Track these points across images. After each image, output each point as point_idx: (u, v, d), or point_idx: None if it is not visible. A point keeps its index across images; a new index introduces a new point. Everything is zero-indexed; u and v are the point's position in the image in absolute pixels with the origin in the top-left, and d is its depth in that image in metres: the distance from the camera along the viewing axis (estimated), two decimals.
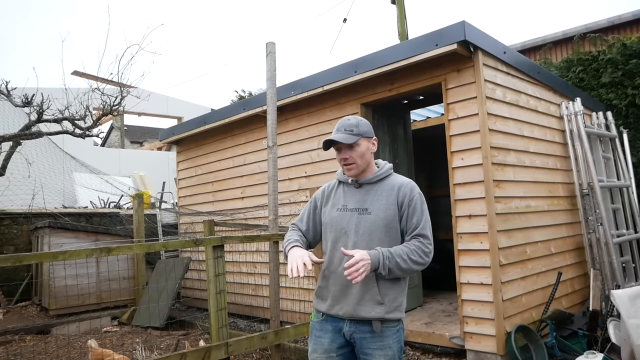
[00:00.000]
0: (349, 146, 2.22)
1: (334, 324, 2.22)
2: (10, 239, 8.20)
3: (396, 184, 2.25)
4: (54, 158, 10.38)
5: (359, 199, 2.25)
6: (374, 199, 2.23)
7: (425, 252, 2.13)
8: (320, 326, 2.26)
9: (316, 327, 2.28)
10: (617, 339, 3.94)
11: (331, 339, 2.21)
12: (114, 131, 22.82)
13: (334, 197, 2.33)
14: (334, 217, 2.26)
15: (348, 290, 2.16)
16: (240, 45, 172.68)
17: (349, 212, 2.24)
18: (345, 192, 2.30)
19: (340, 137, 2.20)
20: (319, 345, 2.24)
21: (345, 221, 2.23)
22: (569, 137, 5.32)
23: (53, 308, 6.59)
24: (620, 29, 9.72)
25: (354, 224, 2.20)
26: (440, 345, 4.42)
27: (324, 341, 2.23)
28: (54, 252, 3.16)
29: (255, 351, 4.80)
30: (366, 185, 2.27)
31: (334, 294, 2.21)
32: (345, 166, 2.24)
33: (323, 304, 2.25)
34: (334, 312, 2.20)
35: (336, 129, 2.26)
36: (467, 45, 4.12)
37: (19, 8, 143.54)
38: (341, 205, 2.27)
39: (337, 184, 2.38)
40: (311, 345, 2.29)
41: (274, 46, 4.26)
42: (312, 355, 2.26)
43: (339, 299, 2.19)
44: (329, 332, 2.22)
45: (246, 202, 6.47)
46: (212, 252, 3.48)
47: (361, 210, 2.22)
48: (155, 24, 44.77)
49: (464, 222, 4.26)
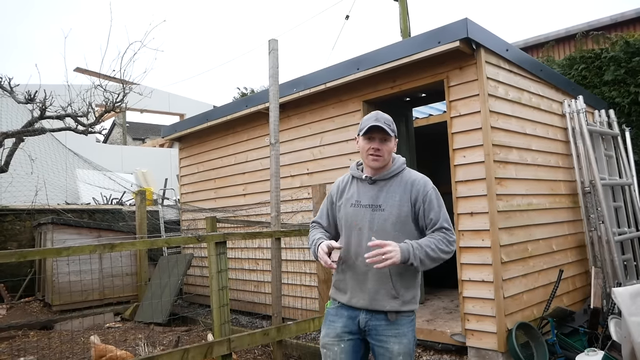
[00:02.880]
0: (384, 139, 2.26)
1: (350, 311, 2.29)
2: (14, 235, 8.23)
3: (409, 180, 2.29)
4: (57, 155, 10.40)
5: (372, 195, 2.28)
6: (387, 196, 2.26)
7: (450, 241, 2.19)
8: (336, 312, 2.34)
9: (331, 312, 2.36)
10: (618, 336, 3.94)
11: (344, 324, 2.29)
12: (116, 128, 22.85)
13: (348, 192, 2.36)
14: (348, 213, 2.31)
15: (364, 284, 2.24)
16: (243, 42, 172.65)
17: (363, 208, 2.28)
18: (359, 188, 2.34)
19: (384, 128, 2.23)
20: (331, 329, 2.32)
21: (359, 217, 2.27)
22: (571, 135, 5.31)
23: (56, 304, 6.62)
24: (624, 27, 9.68)
25: (368, 220, 2.25)
26: (441, 342, 4.43)
27: (337, 325, 2.30)
28: (58, 248, 3.18)
29: (257, 347, 4.83)
30: (380, 182, 2.30)
31: (352, 287, 2.27)
32: (373, 156, 2.25)
33: (343, 296, 2.32)
34: (351, 303, 2.28)
35: (375, 119, 2.26)
36: (470, 42, 4.12)
37: (22, 5, 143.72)
38: (355, 201, 2.31)
39: (351, 178, 2.40)
40: (324, 330, 2.35)
41: (277, 43, 4.26)
42: (324, 339, 2.33)
43: (356, 292, 2.26)
44: (343, 318, 2.30)
45: (248, 199, 6.48)
46: (215, 248, 3.50)
47: (374, 207, 2.26)
48: (157, 20, 44.77)
49: (465, 219, 4.27)
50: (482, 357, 4.11)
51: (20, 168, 8.14)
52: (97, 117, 7.44)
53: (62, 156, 10.69)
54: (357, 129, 2.37)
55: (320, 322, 4.11)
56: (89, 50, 55.44)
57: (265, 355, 4.75)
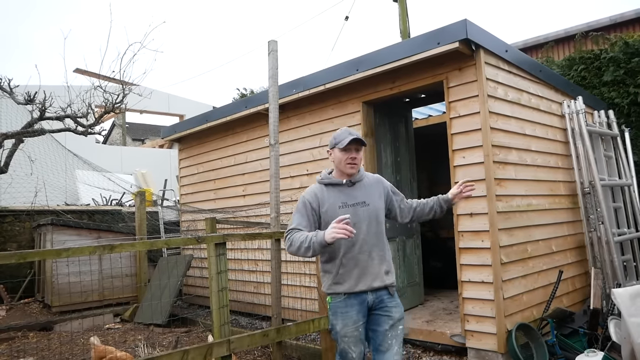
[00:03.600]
0: (358, 149, 2.72)
1: (358, 298, 2.65)
2: (13, 236, 8.23)
3: (374, 179, 2.86)
4: (56, 155, 10.40)
5: (355, 195, 2.74)
6: (367, 193, 2.76)
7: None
8: (345, 303, 2.66)
9: (341, 305, 2.67)
10: (618, 337, 3.94)
11: (358, 310, 2.65)
12: (116, 129, 22.84)
13: (329, 198, 2.72)
14: (342, 213, 2.60)
15: (369, 269, 2.67)
16: (242, 43, 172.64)
17: (352, 207, 2.69)
18: (340, 191, 2.74)
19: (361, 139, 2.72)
20: (348, 319, 2.64)
21: (353, 214, 2.62)
22: (571, 136, 5.31)
23: (56, 305, 6.61)
24: (623, 27, 9.69)
25: (360, 215, 2.68)
26: (441, 343, 4.43)
27: (352, 314, 2.64)
28: (57, 250, 3.18)
29: (257, 348, 4.82)
30: (357, 184, 2.77)
31: (356, 275, 2.65)
32: (350, 164, 2.70)
33: (343, 286, 2.65)
34: (357, 289, 2.65)
35: (349, 133, 2.71)
36: (469, 43, 4.12)
37: (23, 6, 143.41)
38: (341, 203, 2.70)
39: (325, 186, 2.77)
40: (340, 322, 2.65)
41: (276, 44, 4.26)
42: (344, 329, 2.64)
43: (360, 278, 2.65)
44: (355, 306, 2.65)
45: (248, 200, 6.48)
46: (214, 249, 3.49)
47: (360, 203, 2.72)
48: (157, 21, 44.76)
49: (465, 220, 4.27)
50: (482, 358, 4.11)
51: (20, 169, 8.14)
52: (96, 118, 7.44)
53: (62, 157, 10.69)
54: (330, 143, 2.78)
55: (320, 323, 4.12)
56: (89, 51, 55.36)
57: (264, 357, 4.74)
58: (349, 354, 2.66)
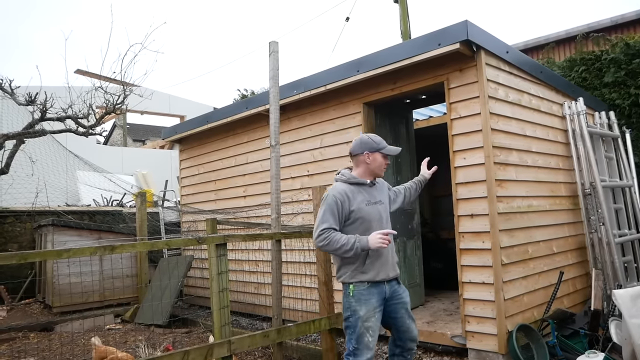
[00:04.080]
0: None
1: (378, 288, 3.07)
2: (14, 237, 8.23)
3: (381, 181, 3.36)
4: (57, 156, 10.41)
5: (374, 194, 3.20)
6: (380, 193, 3.26)
7: None
8: (368, 291, 3.04)
9: (364, 293, 3.03)
10: (619, 338, 3.94)
11: (377, 299, 3.06)
12: (117, 129, 22.86)
13: (358, 196, 3.11)
14: (367, 211, 3.09)
15: (387, 260, 3.12)
16: (243, 44, 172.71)
17: (373, 205, 3.15)
18: (364, 190, 3.16)
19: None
20: (369, 305, 3.03)
21: (376, 211, 3.14)
22: (572, 137, 5.31)
23: (56, 305, 6.62)
24: (624, 29, 9.69)
25: (380, 212, 3.18)
26: (441, 344, 4.43)
27: (373, 301, 3.04)
28: (58, 250, 3.18)
29: (258, 349, 4.83)
30: (376, 185, 3.26)
31: (378, 265, 3.07)
32: (385, 168, 3.24)
33: (367, 275, 3.04)
34: (379, 278, 3.06)
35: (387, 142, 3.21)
36: (470, 44, 4.12)
37: (23, 6, 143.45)
38: (367, 201, 3.12)
39: (355, 185, 3.15)
40: (363, 308, 3.01)
41: (277, 45, 4.27)
42: (367, 314, 3.01)
43: (382, 268, 3.08)
44: (375, 295, 3.05)
45: (248, 201, 6.48)
46: (215, 250, 3.50)
47: (377, 201, 3.19)
48: (157, 22, 44.79)
49: (466, 221, 4.27)
50: (483, 359, 4.11)
51: (21, 170, 8.15)
52: (97, 118, 7.45)
53: (63, 158, 10.70)
54: (368, 146, 3.13)
55: (321, 323, 4.14)
56: (90, 52, 55.42)
57: (265, 357, 4.75)
58: (366, 338, 2.99)
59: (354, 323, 3.01)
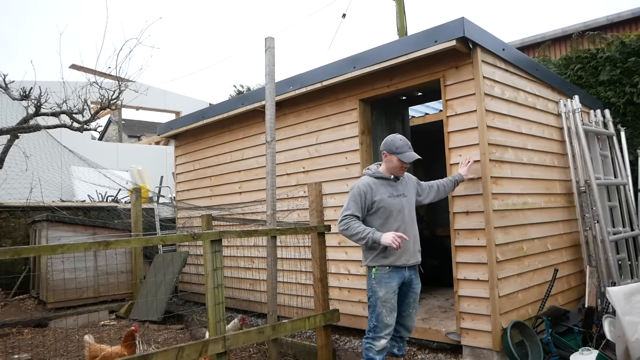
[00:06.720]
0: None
1: (399, 273, 3.40)
2: (8, 232, 8.19)
3: (407, 177, 3.66)
4: (52, 152, 10.36)
5: (398, 188, 3.52)
6: (405, 187, 3.58)
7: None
8: (389, 275, 3.37)
9: (385, 276, 3.37)
10: (612, 335, 3.96)
11: (397, 282, 3.39)
12: (112, 125, 22.78)
13: (381, 188, 3.45)
14: (389, 202, 3.43)
15: (409, 247, 3.42)
16: (239, 40, 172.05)
17: (398, 198, 3.47)
18: (388, 184, 3.49)
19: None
20: (389, 288, 3.36)
21: (398, 203, 3.46)
22: (567, 135, 5.33)
23: (51, 301, 6.59)
24: (619, 27, 9.73)
25: (403, 203, 3.49)
26: (436, 341, 4.44)
27: (393, 284, 3.37)
28: (53, 246, 3.16)
29: (253, 345, 4.83)
30: (399, 180, 3.56)
31: (399, 252, 3.35)
32: (403, 170, 3.53)
33: (388, 260, 3.36)
34: (399, 263, 3.38)
35: (409, 147, 3.47)
36: (466, 41, 4.12)
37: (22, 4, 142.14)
38: (389, 194, 3.45)
39: (376, 179, 3.49)
40: (383, 290, 3.35)
41: (273, 41, 4.25)
42: (386, 295, 3.34)
43: (403, 254, 3.38)
44: (395, 279, 3.38)
45: (244, 197, 6.47)
46: (210, 246, 3.49)
47: (402, 195, 3.51)
48: (153, 18, 44.61)
49: (461, 218, 4.28)
50: (477, 356, 4.12)
51: (15, 165, 8.10)
52: (92, 114, 7.41)
53: (57, 153, 10.65)
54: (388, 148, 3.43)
55: (316, 320, 4.14)
56: (85, 47, 55.12)
57: (260, 354, 4.75)
58: (385, 318, 3.34)
59: (374, 302, 3.37)
